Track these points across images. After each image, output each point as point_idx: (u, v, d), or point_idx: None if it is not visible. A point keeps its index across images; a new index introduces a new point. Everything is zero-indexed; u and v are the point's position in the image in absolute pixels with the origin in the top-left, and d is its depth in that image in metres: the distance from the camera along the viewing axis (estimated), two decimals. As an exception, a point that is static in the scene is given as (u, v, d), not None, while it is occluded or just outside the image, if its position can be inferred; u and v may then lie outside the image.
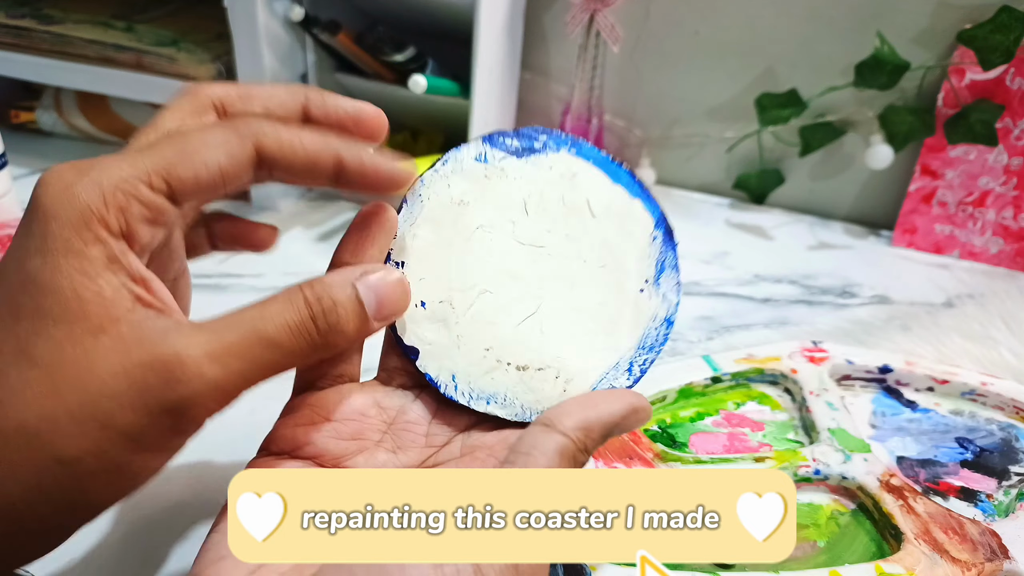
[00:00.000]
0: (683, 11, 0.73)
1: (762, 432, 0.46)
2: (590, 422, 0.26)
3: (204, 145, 0.25)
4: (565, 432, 0.26)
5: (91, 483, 0.23)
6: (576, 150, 0.32)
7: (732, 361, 0.50)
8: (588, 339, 0.31)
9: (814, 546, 0.39)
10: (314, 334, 0.26)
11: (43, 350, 0.22)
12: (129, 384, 0.23)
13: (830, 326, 0.59)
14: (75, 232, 0.23)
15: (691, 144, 0.80)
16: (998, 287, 0.67)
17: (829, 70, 0.71)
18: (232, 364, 0.24)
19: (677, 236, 0.32)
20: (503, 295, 0.31)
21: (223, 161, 0.26)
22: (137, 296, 0.24)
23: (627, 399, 0.28)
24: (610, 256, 0.31)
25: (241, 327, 0.24)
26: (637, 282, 0.31)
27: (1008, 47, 0.62)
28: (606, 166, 0.32)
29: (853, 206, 0.78)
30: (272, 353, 0.25)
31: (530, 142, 0.32)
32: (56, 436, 0.22)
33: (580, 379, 0.31)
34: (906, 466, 0.45)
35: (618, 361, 0.31)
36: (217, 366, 0.23)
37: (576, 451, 0.26)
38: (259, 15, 0.61)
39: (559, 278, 0.31)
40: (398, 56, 0.66)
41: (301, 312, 0.25)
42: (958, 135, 0.67)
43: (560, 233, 0.31)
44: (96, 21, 0.70)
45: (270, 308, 0.25)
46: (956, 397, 0.50)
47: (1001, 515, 0.41)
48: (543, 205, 0.31)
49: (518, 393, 0.31)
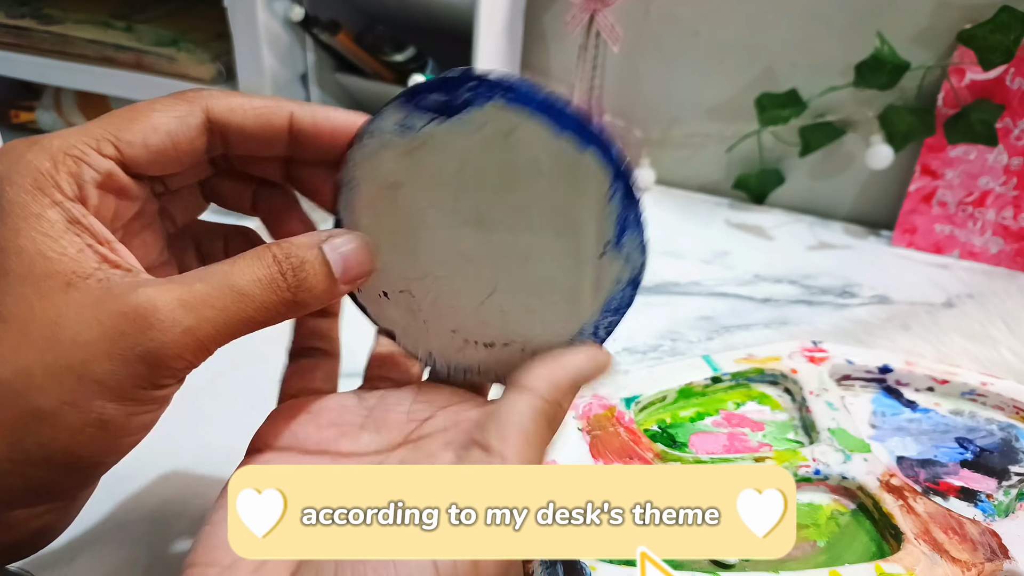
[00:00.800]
0: (683, 11, 0.73)
1: (762, 432, 0.46)
2: (557, 378, 0.27)
3: (152, 111, 0.26)
4: (536, 392, 0.27)
5: (74, 439, 0.23)
6: (510, 98, 0.26)
7: (732, 361, 0.50)
8: (550, 310, 0.29)
9: (814, 546, 0.39)
10: (283, 289, 0.26)
11: (11, 307, 0.23)
12: (102, 333, 0.23)
13: (830, 326, 0.59)
14: (31, 196, 0.23)
15: (691, 144, 0.80)
16: (998, 287, 0.67)
17: (829, 70, 0.71)
18: (205, 313, 0.24)
19: (640, 191, 0.27)
20: (458, 279, 0.30)
21: (172, 125, 0.26)
22: (103, 256, 0.24)
23: (587, 350, 0.29)
24: (563, 221, 0.28)
25: (212, 279, 0.24)
26: (596, 246, 0.28)
27: (1008, 47, 0.62)
28: (549, 112, 0.26)
29: (853, 206, 0.78)
30: (243, 304, 0.25)
31: (455, 95, 0.27)
32: (31, 389, 0.22)
33: (546, 350, 0.30)
34: (906, 466, 0.45)
35: (582, 328, 0.30)
36: (191, 314, 0.23)
37: (549, 408, 0.26)
38: (259, 15, 0.61)
39: (511, 254, 0.29)
40: (398, 56, 0.66)
41: (270, 267, 0.26)
42: (958, 135, 0.67)
43: (505, 204, 0.28)
44: (96, 21, 0.70)
45: (239, 263, 0.25)
46: (956, 397, 0.50)
47: (1001, 515, 0.41)
48: (480, 175, 0.28)
49: (491, 365, 0.31)
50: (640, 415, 0.46)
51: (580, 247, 0.28)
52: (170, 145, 0.26)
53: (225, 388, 0.47)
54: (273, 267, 0.26)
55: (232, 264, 0.25)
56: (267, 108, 0.28)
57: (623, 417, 0.44)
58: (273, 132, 0.28)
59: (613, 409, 0.44)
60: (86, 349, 0.23)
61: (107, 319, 0.23)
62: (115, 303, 0.23)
